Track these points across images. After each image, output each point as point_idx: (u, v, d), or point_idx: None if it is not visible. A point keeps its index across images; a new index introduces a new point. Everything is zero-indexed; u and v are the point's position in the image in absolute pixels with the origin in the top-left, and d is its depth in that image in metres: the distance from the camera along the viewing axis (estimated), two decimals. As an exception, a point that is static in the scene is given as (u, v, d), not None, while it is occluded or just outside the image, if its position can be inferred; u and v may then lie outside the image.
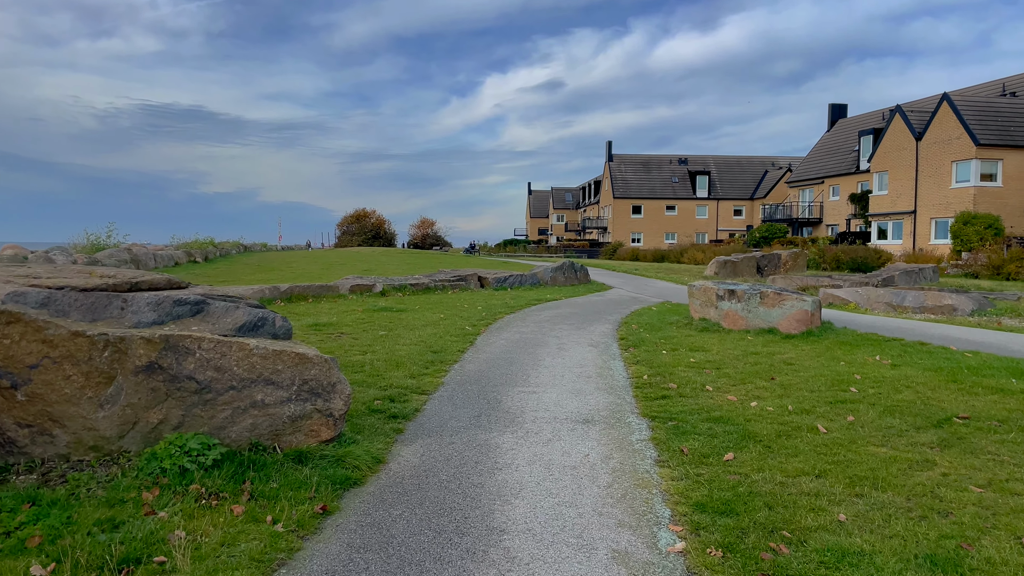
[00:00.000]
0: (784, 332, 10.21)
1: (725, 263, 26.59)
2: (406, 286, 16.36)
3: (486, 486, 4.79)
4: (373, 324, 11.59)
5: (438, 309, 13.81)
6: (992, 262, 25.82)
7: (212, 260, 34.52)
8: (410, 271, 26.36)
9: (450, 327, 11.43)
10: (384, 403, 6.74)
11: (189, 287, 6.06)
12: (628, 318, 13.04)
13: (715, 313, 11.09)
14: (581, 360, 9.07)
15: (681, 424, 6.09)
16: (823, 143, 56.29)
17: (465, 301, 15.35)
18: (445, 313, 13.18)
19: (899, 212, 41.06)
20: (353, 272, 25.70)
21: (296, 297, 14.44)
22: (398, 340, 10.11)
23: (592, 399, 7.11)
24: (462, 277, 18.10)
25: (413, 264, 32.90)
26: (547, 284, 19.90)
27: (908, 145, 40.23)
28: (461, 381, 7.86)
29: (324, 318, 12.03)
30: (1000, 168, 36.14)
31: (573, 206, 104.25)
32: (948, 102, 37.39)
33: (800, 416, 6.24)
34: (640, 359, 8.95)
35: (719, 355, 8.97)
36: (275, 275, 23.75)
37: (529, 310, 14.36)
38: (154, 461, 4.75)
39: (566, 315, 13.62)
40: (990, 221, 31.69)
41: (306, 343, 9.28)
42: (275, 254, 47.28)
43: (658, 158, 78.74)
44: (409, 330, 11.05)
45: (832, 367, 8.06)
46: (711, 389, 7.28)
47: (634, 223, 74.84)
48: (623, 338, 10.68)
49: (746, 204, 74.85)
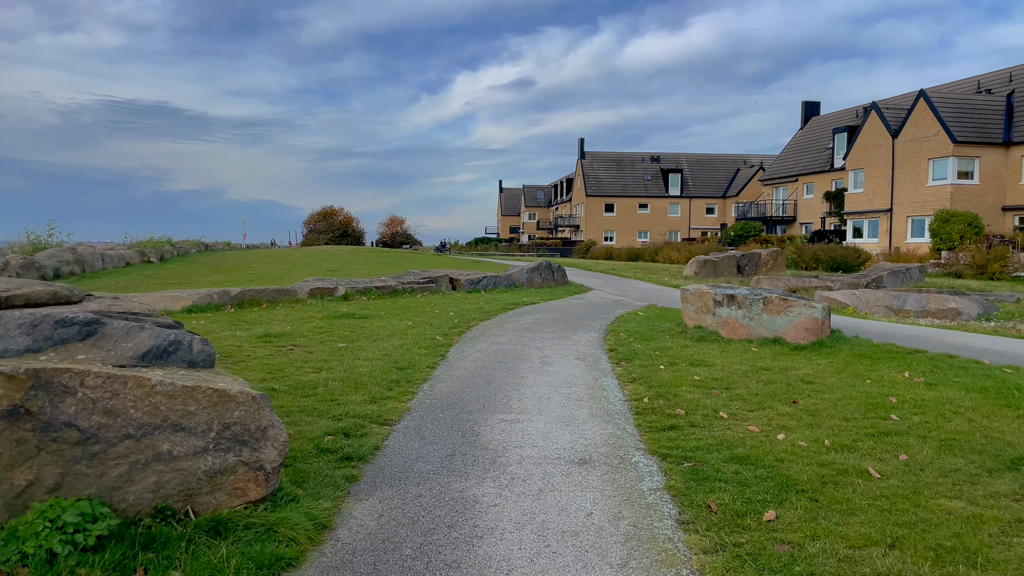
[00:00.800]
0: (791, 342, 9.18)
1: (705, 263, 25.70)
2: (371, 289, 15.08)
3: (463, 566, 3.64)
4: (332, 334, 10.35)
5: (406, 315, 12.60)
6: (976, 261, 25.26)
7: (168, 260, 32.84)
8: (377, 272, 25.05)
9: (419, 337, 10.24)
10: (337, 439, 5.55)
11: (84, 301, 4.81)
12: (614, 325, 11.95)
13: (712, 320, 10.04)
14: (569, 377, 7.95)
15: (700, 466, 4.99)
16: (796, 141, 55.94)
17: (436, 306, 14.15)
18: (413, 320, 11.98)
19: (875, 210, 40.67)
20: (317, 273, 24.33)
21: (249, 302, 13.11)
22: (359, 354, 8.89)
23: (587, 430, 5.98)
24: (432, 279, 16.86)
25: (381, 264, 31.57)
26: (523, 286, 18.76)
27: (884, 142, 39.82)
28: (431, 406, 6.69)
29: (277, 327, 10.76)
30: (977, 166, 35.83)
31: (545, 204, 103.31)
32: (925, 99, 37.00)
33: (841, 454, 5.18)
34: (636, 376, 7.85)
35: (725, 371, 7.90)
36: (232, 276, 22.30)
37: (506, 315, 13.21)
38: (13, 543, 3.51)
39: (546, 321, 12.49)
40: (969, 219, 31.26)
41: (248, 363, 7.96)
42: (238, 253, 45.54)
43: (631, 156, 78.08)
44: (372, 341, 9.84)
45: (859, 387, 7.02)
46: (726, 416, 6.19)
47: (607, 221, 74.08)
48: (613, 349, 9.57)
49: (718, 202, 74.52)
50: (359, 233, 73.93)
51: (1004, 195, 35.98)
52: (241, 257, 37.89)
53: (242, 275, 23.16)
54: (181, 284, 18.85)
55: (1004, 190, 36.00)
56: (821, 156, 50.70)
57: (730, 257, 26.68)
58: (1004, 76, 39.55)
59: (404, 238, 77.75)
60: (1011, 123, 36.42)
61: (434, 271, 18.87)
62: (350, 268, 27.07)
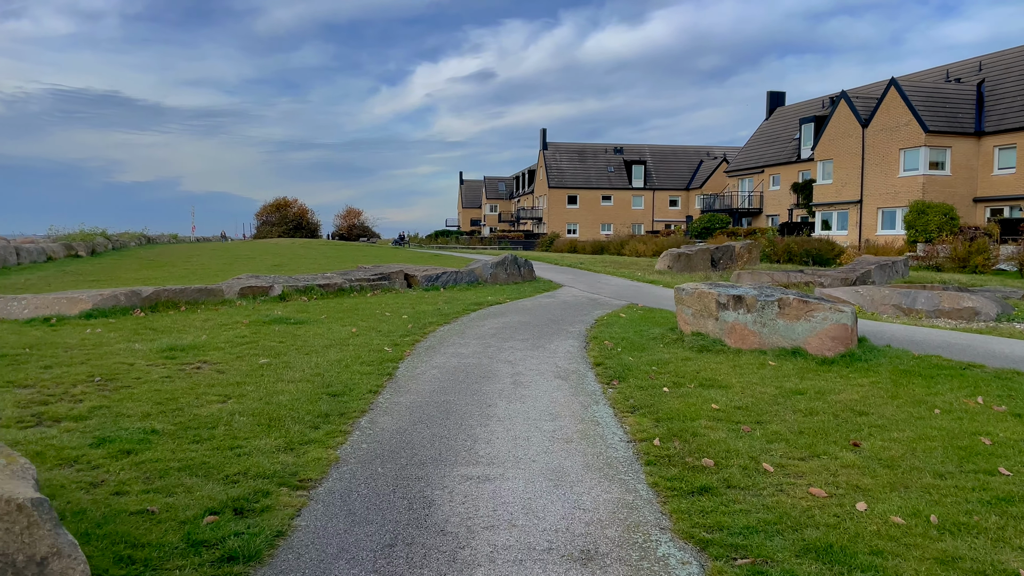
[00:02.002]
0: (815, 354, 7.60)
1: (679, 256, 24.23)
2: (313, 287, 13.13)
3: None
4: (256, 345, 8.48)
5: (351, 319, 10.76)
6: (957, 254, 24.23)
7: (101, 254, 30.29)
8: (327, 267, 23.05)
9: (362, 349, 8.43)
10: (223, 520, 3.76)
11: None
12: (595, 330, 10.26)
13: (715, 326, 8.42)
14: (550, 405, 6.23)
15: (763, 565, 3.32)
16: (762, 131, 55.07)
17: (387, 307, 12.32)
18: (359, 326, 10.15)
19: (844, 202, 39.80)
20: (260, 268, 22.24)
21: (164, 304, 11.11)
22: (284, 373, 7.07)
23: (585, 493, 4.28)
24: (385, 275, 14.98)
25: (333, 258, 29.51)
26: (487, 282, 17.00)
27: (854, 132, 38.93)
28: (368, 455, 4.93)
29: (189, 337, 8.83)
30: (949, 156, 35.08)
31: (506, 196, 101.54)
32: (896, 87, 36.13)
33: (962, 539, 3.55)
34: (636, 403, 6.17)
35: (747, 395, 6.27)
36: (163, 273, 20.12)
37: (468, 318, 11.45)
38: None
39: (516, 326, 10.76)
40: (945, 210, 30.39)
41: (132, 390, 5.75)
42: (182, 247, 42.93)
43: (593, 147, 76.71)
44: (304, 355, 8.00)
45: (931, 421, 5.43)
46: (771, 468, 4.55)
47: (570, 214, 72.64)
48: (599, 363, 7.88)
49: (682, 194, 73.62)
50: (314, 226, 71.37)
51: (975, 186, 35.31)
52: (183, 251, 35.41)
53: (176, 271, 20.97)
54: (101, 282, 16.68)
55: (975, 181, 35.33)
56: (788, 147, 49.84)
57: (704, 250, 25.27)
58: (973, 65, 38.93)
59: (361, 231, 75.30)
60: (982, 113, 35.76)
61: (388, 266, 16.98)
62: (297, 263, 24.99)
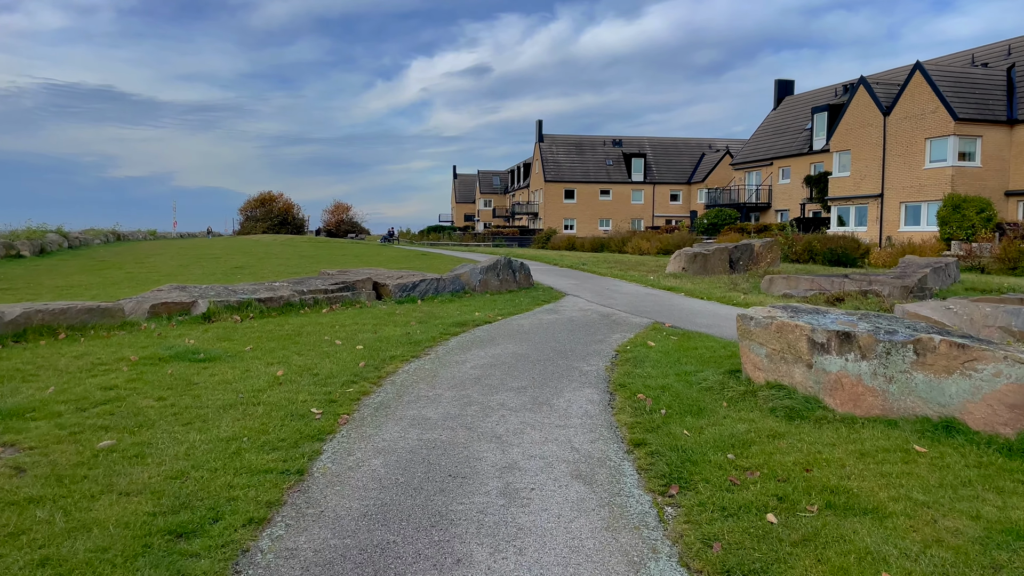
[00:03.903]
0: (980, 430, 4.82)
1: (695, 256, 21.43)
2: (251, 303, 10.25)
3: None
4: (121, 405, 5.66)
5: (284, 352, 7.94)
6: (1007, 254, 21.48)
7: (51, 253, 27.38)
8: (297, 269, 20.20)
9: (277, 412, 5.61)
10: None
11: None
12: (620, 369, 7.43)
13: (807, 377, 5.63)
14: (569, 557, 3.45)
15: None
16: (770, 122, 52.26)
17: (342, 329, 9.50)
18: (291, 364, 7.32)
19: (863, 196, 37.04)
20: (218, 270, 19.38)
21: (36, 331, 8.25)
22: (128, 472, 4.26)
23: None
24: (348, 284, 12.12)
25: (310, 258, 26.65)
26: (475, 291, 14.17)
27: (874, 121, 36.15)
28: None
29: (26, 391, 5.99)
30: (979, 146, 32.34)
31: (501, 191, 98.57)
32: (921, 71, 33.36)
33: None
34: (727, 555, 3.38)
35: (923, 535, 3.48)
36: (100, 278, 17.23)
37: (447, 348, 8.64)
38: None
39: (510, 361, 7.93)
40: (983, 205, 27.64)
41: None
42: (152, 244, 40.02)
43: (591, 139, 73.82)
44: (182, 426, 5.18)
45: None
46: None
47: (567, 208, 69.78)
48: (638, 442, 5.05)
49: (683, 188, 70.81)
50: (300, 221, 68.33)
51: (1007, 178, 32.59)
52: (148, 249, 32.49)
53: (116, 275, 18.09)
54: (9, 292, 13.83)
55: (1007, 173, 32.61)
56: (798, 138, 47.06)
57: (721, 250, 22.46)
58: (1001, 49, 36.20)
59: (350, 226, 72.26)
60: (1013, 99, 33.04)
61: (356, 271, 14.11)
62: (263, 264, 22.10)
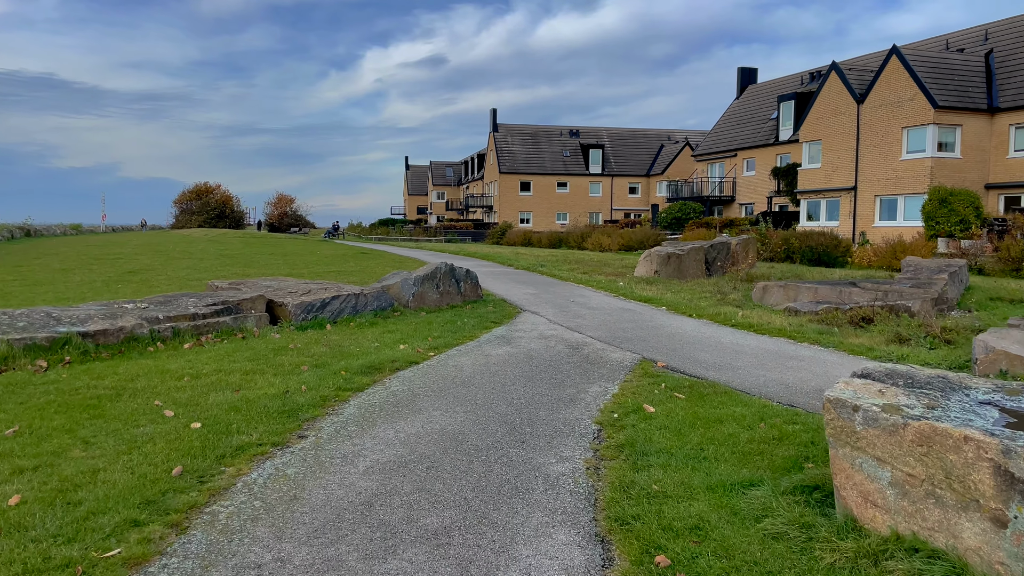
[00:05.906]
0: None
1: (668, 257, 18.73)
2: (72, 338, 7.11)
3: None
4: None
5: (67, 435, 4.91)
6: (1010, 254, 19.31)
7: (-78, 254, 23.49)
8: (208, 273, 16.91)
9: None
10: None
11: None
12: (610, 472, 4.55)
13: (985, 541, 2.82)
14: None
15: None
16: (733, 111, 50.12)
17: (189, 385, 6.45)
18: (53, 470, 4.30)
19: (835, 188, 34.95)
20: (98, 280, 16.00)
21: None
22: None
23: None
24: (230, 306, 9.04)
25: (233, 257, 23.25)
26: (407, 308, 11.21)
27: (847, 109, 34.03)
28: None
29: None
30: (959, 136, 30.40)
31: (455, 182, 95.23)
32: (898, 56, 31.28)
33: None
34: None
35: None
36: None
37: (334, 424, 5.67)
38: None
39: (431, 458, 4.99)
40: (971, 199, 25.61)
41: None
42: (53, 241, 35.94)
43: (547, 129, 71.03)
44: None
45: None
46: None
47: (523, 201, 66.93)
48: None
49: (642, 181, 68.56)
50: (239, 214, 64.17)
51: (988, 170, 30.76)
52: (47, 248, 28.61)
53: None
54: None
55: (988, 164, 30.79)
56: (763, 128, 44.97)
57: (696, 250, 19.82)
58: (978, 34, 34.42)
59: (293, 220, 68.24)
60: (992, 87, 31.21)
61: (252, 284, 10.98)
62: (163, 269, 18.68)
